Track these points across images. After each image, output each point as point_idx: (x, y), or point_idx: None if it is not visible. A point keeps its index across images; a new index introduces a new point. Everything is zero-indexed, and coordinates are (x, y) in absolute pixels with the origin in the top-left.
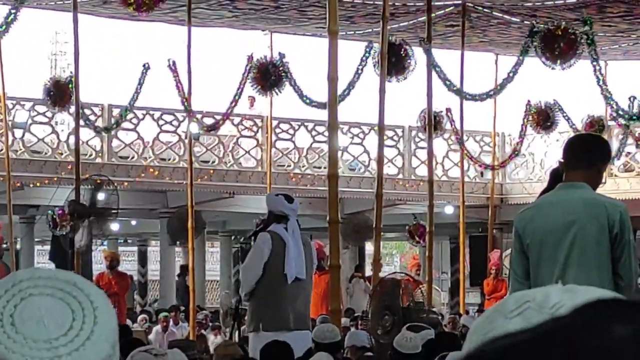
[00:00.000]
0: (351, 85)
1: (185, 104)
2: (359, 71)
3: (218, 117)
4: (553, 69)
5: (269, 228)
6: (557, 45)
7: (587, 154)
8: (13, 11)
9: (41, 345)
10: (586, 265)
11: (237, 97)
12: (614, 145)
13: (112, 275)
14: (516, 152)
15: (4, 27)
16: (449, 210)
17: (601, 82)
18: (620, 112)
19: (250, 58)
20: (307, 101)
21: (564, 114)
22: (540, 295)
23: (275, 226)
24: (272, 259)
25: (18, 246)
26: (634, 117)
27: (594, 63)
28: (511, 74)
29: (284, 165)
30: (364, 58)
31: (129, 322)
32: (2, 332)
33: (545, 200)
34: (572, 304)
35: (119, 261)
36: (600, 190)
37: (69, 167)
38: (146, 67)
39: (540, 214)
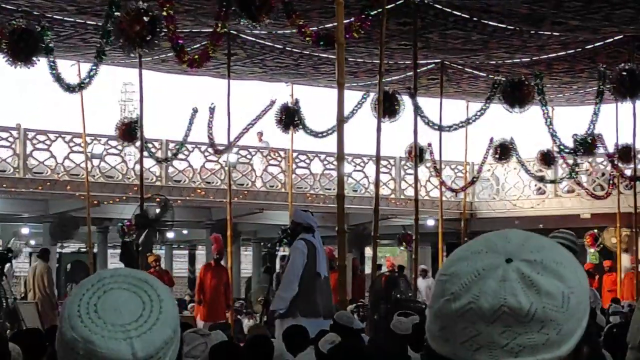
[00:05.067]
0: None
1: (212, 140)
2: (354, 110)
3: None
4: (512, 112)
5: (301, 236)
6: (516, 94)
7: None
8: (94, 67)
9: (117, 328)
10: None
11: (249, 127)
12: (559, 172)
13: (156, 273)
14: (474, 179)
15: (87, 79)
16: (430, 223)
17: (548, 123)
18: (562, 147)
19: (273, 101)
20: (310, 132)
21: (515, 150)
22: None
23: (305, 235)
24: (308, 260)
25: (95, 250)
26: (572, 151)
27: (543, 108)
28: (476, 115)
29: (302, 188)
30: (359, 102)
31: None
32: (87, 317)
33: None
34: None
35: (159, 262)
36: (547, 208)
37: (135, 188)
38: (195, 111)
39: None
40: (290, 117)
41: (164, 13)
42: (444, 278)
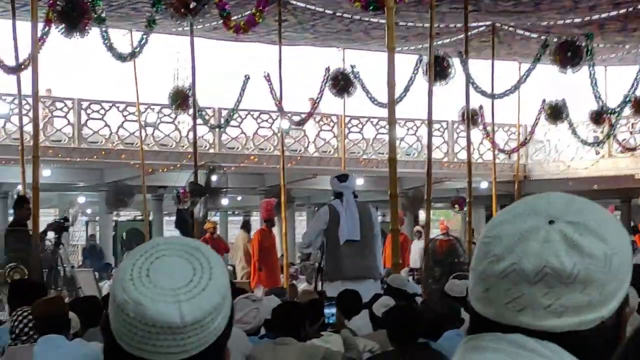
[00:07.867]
0: (406, 89)
1: (278, 106)
2: (412, 78)
3: (303, 115)
4: (564, 73)
5: (330, 202)
6: (567, 55)
7: None
8: (144, 36)
9: (167, 292)
10: None
11: (318, 100)
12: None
13: (212, 240)
14: (526, 140)
15: (138, 48)
16: (483, 185)
17: (594, 84)
18: (604, 108)
19: (327, 69)
20: (374, 101)
21: (566, 112)
22: None
23: (334, 201)
24: (331, 226)
25: (150, 217)
26: (615, 111)
27: (590, 69)
28: (524, 77)
29: (354, 152)
30: (415, 68)
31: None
32: (138, 281)
33: None
34: None
35: (216, 229)
36: (601, 168)
37: (189, 156)
38: (247, 78)
39: None
40: (345, 83)
41: None
42: (487, 240)
